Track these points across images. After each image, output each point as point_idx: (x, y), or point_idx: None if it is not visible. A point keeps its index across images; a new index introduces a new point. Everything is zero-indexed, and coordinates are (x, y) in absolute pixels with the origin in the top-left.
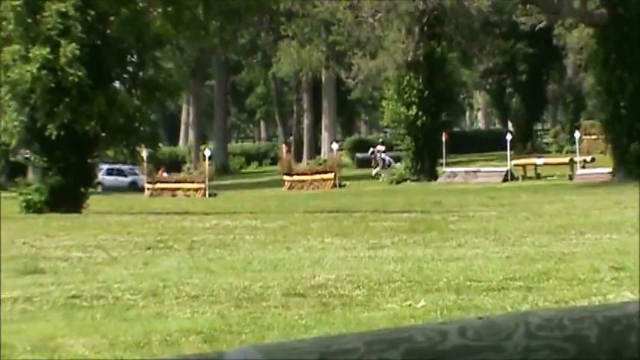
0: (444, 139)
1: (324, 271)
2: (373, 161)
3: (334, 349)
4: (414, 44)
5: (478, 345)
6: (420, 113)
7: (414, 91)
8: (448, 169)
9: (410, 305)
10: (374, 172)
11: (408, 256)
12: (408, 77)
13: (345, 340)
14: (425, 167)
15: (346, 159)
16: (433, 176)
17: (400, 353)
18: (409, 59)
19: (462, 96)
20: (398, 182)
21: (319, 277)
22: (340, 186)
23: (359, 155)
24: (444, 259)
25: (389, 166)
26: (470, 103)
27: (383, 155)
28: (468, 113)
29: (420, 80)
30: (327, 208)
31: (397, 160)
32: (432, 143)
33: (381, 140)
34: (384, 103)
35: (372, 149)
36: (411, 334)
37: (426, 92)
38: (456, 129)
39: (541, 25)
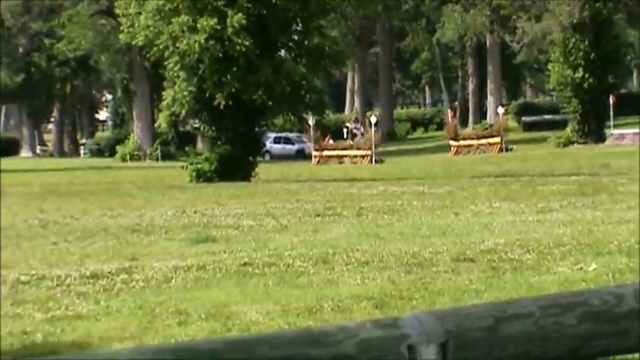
0: (611, 101)
1: (493, 236)
2: (349, 135)
3: (509, 314)
4: (579, 6)
5: None
6: (587, 76)
7: (580, 54)
8: (616, 132)
9: (581, 269)
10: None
11: (577, 219)
12: (573, 40)
13: (520, 304)
14: (592, 130)
15: (512, 123)
16: (600, 139)
17: (576, 317)
18: (575, 21)
19: (629, 57)
20: (565, 145)
21: (488, 241)
22: (507, 150)
23: (525, 119)
24: (614, 222)
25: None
26: (637, 64)
27: (357, 129)
28: (635, 74)
29: (586, 42)
30: (494, 173)
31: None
32: (599, 106)
33: (355, 117)
34: (549, 66)
35: (347, 125)
36: (586, 297)
37: (593, 54)
38: (623, 91)
39: None
